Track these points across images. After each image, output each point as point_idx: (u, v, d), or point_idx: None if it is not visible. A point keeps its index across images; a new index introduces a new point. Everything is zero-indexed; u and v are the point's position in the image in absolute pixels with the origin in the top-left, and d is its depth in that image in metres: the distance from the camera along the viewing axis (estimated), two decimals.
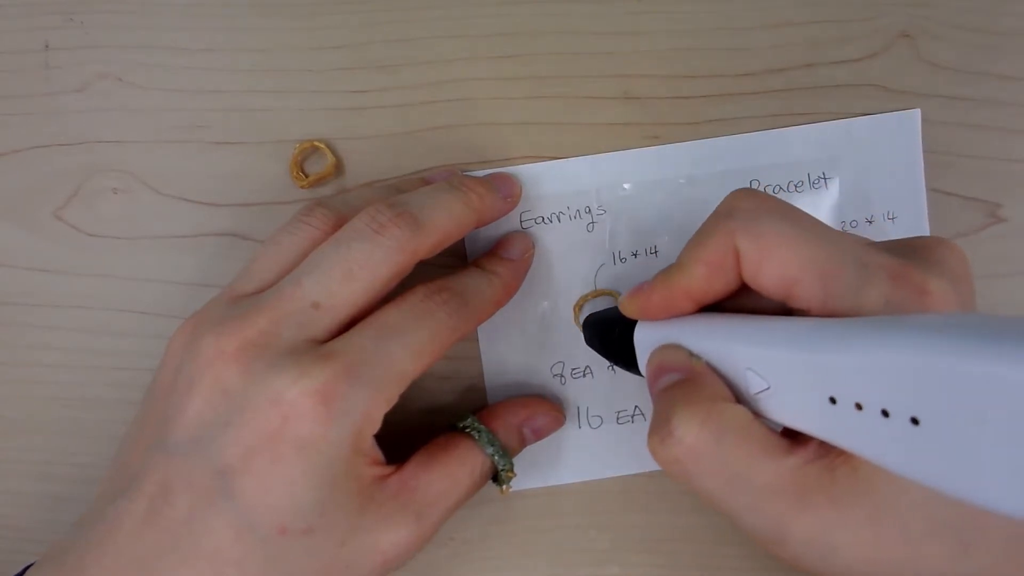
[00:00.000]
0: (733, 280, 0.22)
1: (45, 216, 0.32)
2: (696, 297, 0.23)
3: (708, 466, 0.21)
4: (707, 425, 0.20)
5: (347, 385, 0.23)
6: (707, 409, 0.21)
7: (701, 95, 0.31)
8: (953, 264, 0.21)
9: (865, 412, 0.17)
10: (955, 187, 0.31)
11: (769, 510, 0.20)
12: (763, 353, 0.20)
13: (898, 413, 0.16)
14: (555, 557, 0.31)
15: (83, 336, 0.32)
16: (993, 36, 0.30)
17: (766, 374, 0.20)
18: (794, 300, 0.21)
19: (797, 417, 0.20)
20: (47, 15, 0.32)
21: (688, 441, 0.21)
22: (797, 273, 0.21)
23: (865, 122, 0.31)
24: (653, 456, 0.22)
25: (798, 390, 0.19)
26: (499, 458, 0.27)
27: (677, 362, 0.23)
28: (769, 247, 0.21)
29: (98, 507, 0.25)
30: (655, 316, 0.24)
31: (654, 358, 0.24)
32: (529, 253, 0.30)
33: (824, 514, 0.19)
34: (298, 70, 0.31)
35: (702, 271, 0.22)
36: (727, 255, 0.22)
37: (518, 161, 0.31)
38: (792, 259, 0.21)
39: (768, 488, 0.20)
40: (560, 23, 0.31)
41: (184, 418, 0.23)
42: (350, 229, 0.25)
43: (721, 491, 0.21)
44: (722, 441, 0.20)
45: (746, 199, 0.23)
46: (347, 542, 0.23)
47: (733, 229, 0.22)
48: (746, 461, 0.20)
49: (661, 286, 0.24)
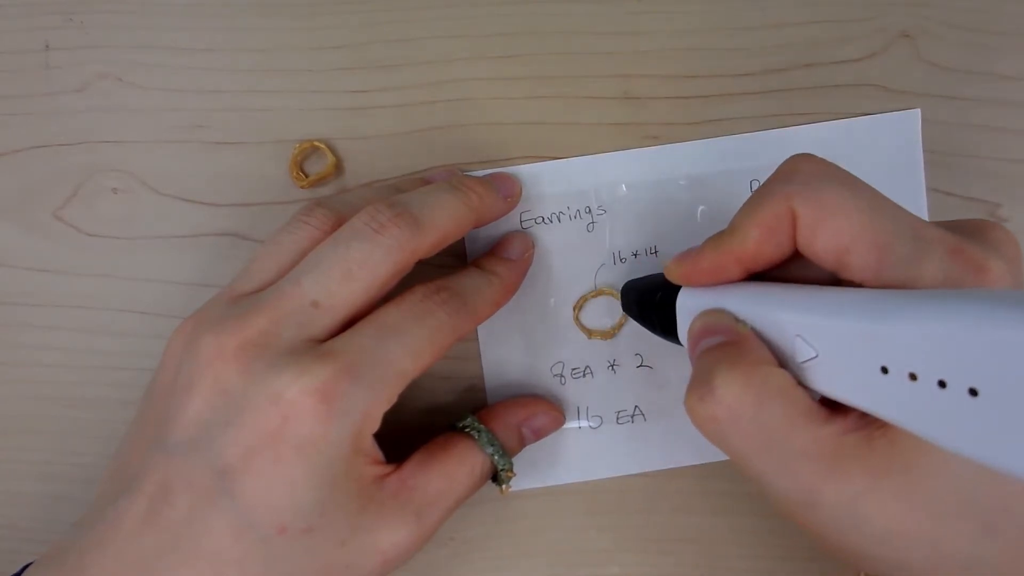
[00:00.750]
0: (786, 246, 0.22)
1: (45, 216, 0.32)
2: (746, 263, 0.22)
3: (746, 427, 0.20)
4: (749, 386, 0.20)
5: (347, 384, 0.23)
6: (750, 371, 0.21)
7: (701, 95, 0.31)
8: (1008, 246, 0.20)
9: (920, 383, 0.17)
10: (955, 187, 0.31)
11: (803, 474, 0.20)
12: (814, 320, 0.20)
13: (956, 384, 0.16)
14: (555, 557, 0.31)
15: (83, 336, 0.32)
16: (993, 36, 0.30)
17: (815, 342, 0.20)
18: (847, 270, 0.21)
19: (844, 386, 0.20)
20: (47, 15, 0.32)
21: (728, 401, 0.20)
22: (853, 242, 0.20)
23: (865, 122, 0.31)
24: (690, 414, 0.22)
25: (848, 359, 0.19)
26: (499, 458, 0.27)
27: (722, 325, 0.22)
28: (827, 213, 0.20)
29: (98, 507, 0.25)
30: (702, 282, 0.24)
31: (697, 321, 0.23)
32: (529, 253, 0.30)
33: (857, 483, 0.19)
34: (298, 70, 0.31)
35: (756, 234, 0.22)
36: (783, 219, 0.21)
37: (518, 161, 0.31)
38: (849, 227, 0.20)
39: (804, 453, 0.20)
40: (560, 23, 0.31)
41: (184, 418, 0.23)
42: (350, 229, 0.25)
43: (755, 453, 0.21)
44: (762, 403, 0.20)
45: (807, 162, 0.22)
46: (347, 542, 0.23)
47: (792, 192, 0.21)
48: (785, 425, 0.20)
49: (711, 251, 0.23)
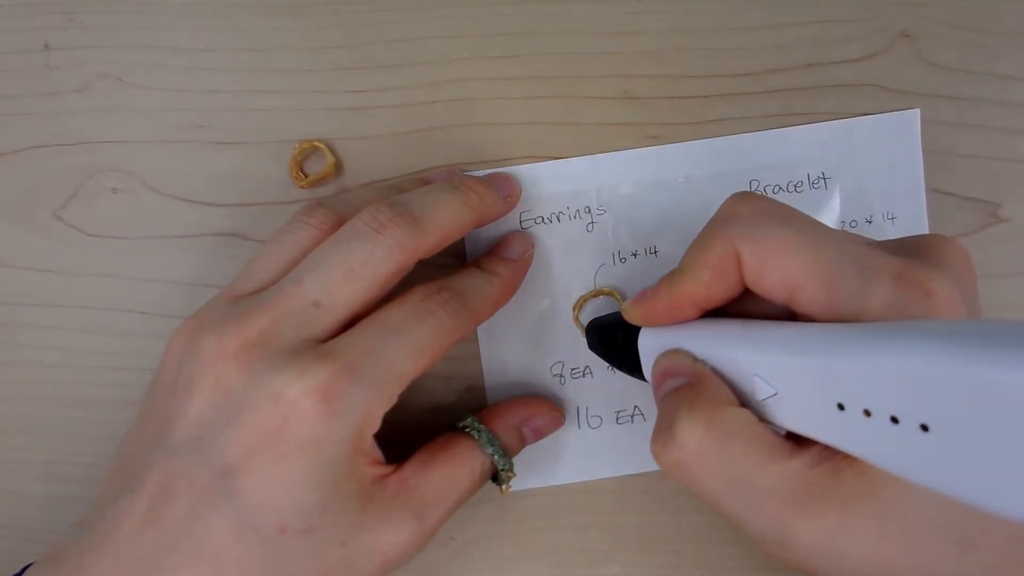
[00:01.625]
0: (736, 285, 0.22)
1: (45, 216, 0.32)
2: (699, 303, 0.23)
3: (711, 470, 0.21)
4: (711, 429, 0.20)
5: (347, 384, 0.23)
6: (711, 413, 0.21)
7: (701, 95, 0.31)
8: (956, 262, 0.21)
9: (874, 419, 0.17)
10: (955, 187, 0.31)
11: (773, 513, 0.20)
12: (770, 359, 0.20)
13: (907, 420, 0.16)
14: (555, 557, 0.31)
15: (83, 336, 0.32)
16: (993, 36, 0.31)
17: (773, 380, 0.20)
18: (798, 305, 0.21)
19: (805, 423, 0.20)
20: (47, 15, 0.32)
21: (691, 445, 0.20)
22: (800, 279, 0.20)
23: (865, 122, 0.31)
24: (656, 460, 0.22)
25: (806, 396, 0.19)
26: (499, 458, 0.27)
27: (682, 366, 0.23)
28: (771, 253, 0.21)
29: (98, 507, 0.24)
30: (659, 322, 0.24)
31: (659, 363, 0.24)
32: (529, 253, 0.30)
33: (829, 517, 0.19)
34: (298, 70, 0.31)
35: (705, 277, 0.22)
36: (729, 261, 0.22)
37: (518, 161, 0.31)
38: (794, 264, 0.20)
39: (772, 491, 0.20)
40: (560, 23, 0.31)
41: (185, 418, 0.23)
42: (350, 228, 0.25)
43: (725, 495, 0.21)
44: (725, 445, 0.20)
45: (745, 203, 0.23)
46: (347, 542, 0.23)
47: (733, 235, 0.21)
48: (750, 464, 0.20)
49: (664, 292, 0.23)
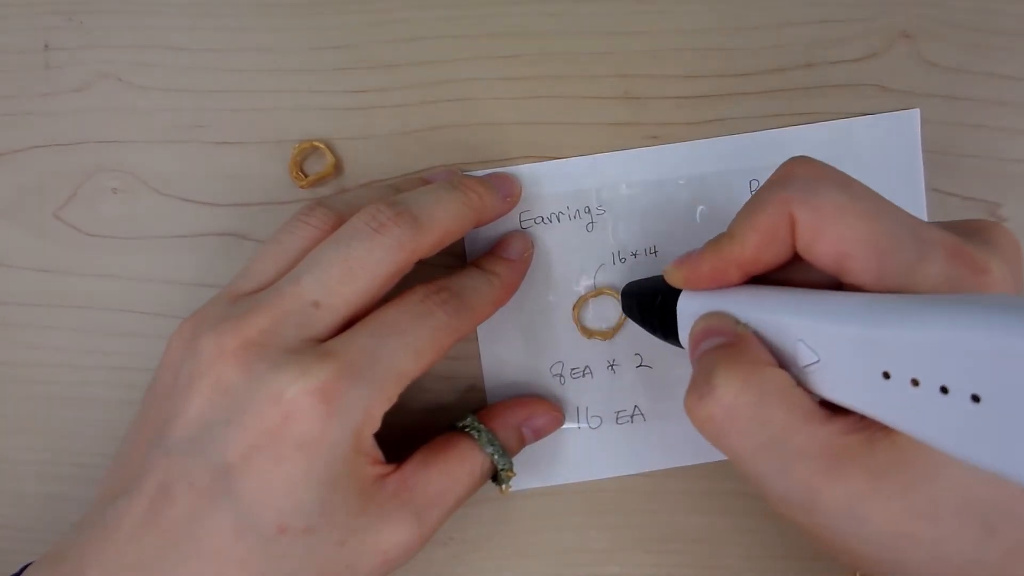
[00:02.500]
0: (785, 251, 0.22)
1: (45, 216, 0.32)
2: (746, 267, 0.22)
3: (745, 426, 0.20)
4: (748, 386, 0.20)
5: (347, 384, 0.23)
6: (749, 370, 0.20)
7: (701, 95, 0.31)
8: (1008, 246, 0.20)
9: (922, 388, 0.17)
10: (955, 187, 0.31)
11: (802, 475, 0.20)
12: (815, 325, 0.20)
13: (958, 390, 0.16)
14: (555, 557, 0.31)
15: (83, 336, 0.32)
16: (993, 36, 0.31)
17: (817, 346, 0.20)
18: (848, 274, 0.20)
19: (847, 391, 0.19)
20: (47, 15, 0.32)
21: (727, 400, 0.20)
22: (852, 246, 0.20)
23: (865, 122, 0.31)
24: (688, 413, 0.21)
25: (850, 364, 0.19)
26: (499, 458, 0.27)
27: (723, 327, 0.22)
28: (826, 218, 0.20)
29: (98, 507, 0.24)
30: (702, 286, 0.24)
31: (699, 323, 0.23)
32: (529, 253, 0.30)
33: (857, 484, 0.19)
34: (298, 70, 0.31)
35: (755, 240, 0.22)
36: (782, 224, 0.21)
37: (518, 161, 0.31)
38: (848, 231, 0.20)
39: (803, 453, 0.20)
40: (560, 23, 0.31)
41: (185, 417, 0.23)
42: (350, 228, 0.25)
43: (754, 453, 0.21)
44: (762, 402, 0.20)
45: (804, 166, 0.22)
46: (347, 541, 0.23)
47: (789, 197, 0.21)
48: (784, 424, 0.20)
49: (711, 255, 0.23)
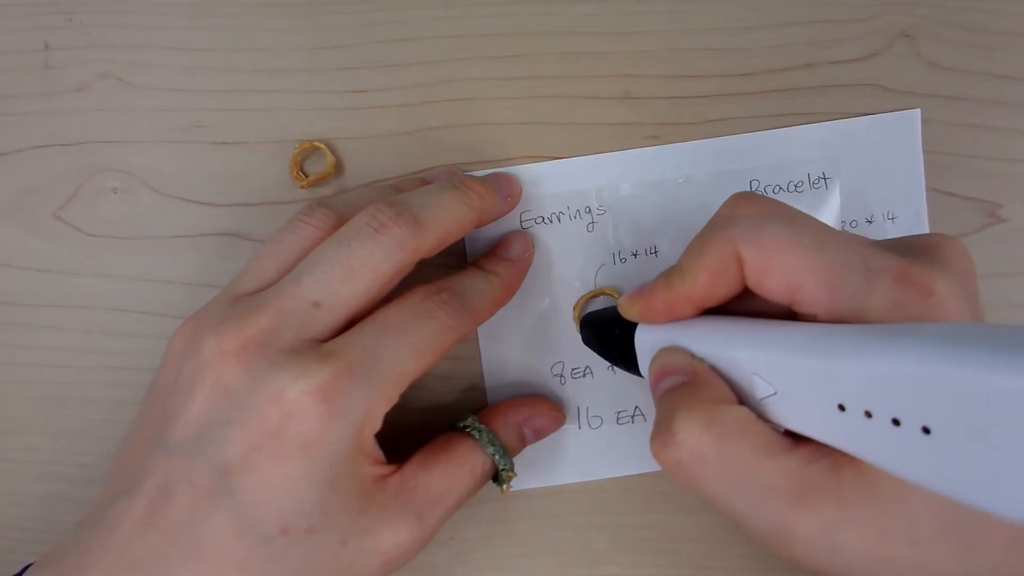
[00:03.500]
0: (735, 285, 0.22)
1: (45, 216, 0.32)
2: (697, 302, 0.23)
3: (711, 468, 0.21)
4: (709, 427, 0.20)
5: (348, 384, 0.23)
6: (710, 411, 0.21)
7: (701, 95, 0.31)
8: (958, 261, 0.20)
9: (875, 420, 0.17)
10: (955, 187, 0.31)
11: (773, 510, 0.20)
12: (770, 359, 0.20)
13: (909, 422, 0.16)
14: (555, 557, 0.31)
15: (83, 336, 0.32)
16: (993, 36, 0.31)
17: (773, 380, 0.20)
18: (799, 305, 0.21)
19: (804, 423, 0.20)
20: (47, 15, 0.32)
21: (690, 444, 0.20)
22: (802, 280, 0.20)
23: (865, 122, 0.31)
24: (656, 459, 0.22)
25: (806, 396, 0.19)
26: (499, 458, 0.27)
27: (679, 364, 0.23)
28: (772, 254, 0.21)
29: (98, 507, 0.24)
30: (656, 320, 0.24)
31: (656, 361, 0.24)
32: (529, 253, 0.30)
33: (829, 514, 0.19)
34: (298, 70, 0.31)
35: (704, 278, 0.22)
36: (729, 262, 0.21)
37: (518, 161, 0.31)
38: (796, 265, 0.20)
39: (771, 487, 0.20)
40: (560, 23, 0.31)
41: (185, 417, 0.23)
42: (351, 228, 0.25)
43: (725, 493, 0.21)
44: (724, 442, 0.20)
45: (746, 205, 0.22)
46: (348, 542, 0.23)
47: (735, 237, 0.21)
48: (749, 462, 0.20)
49: (662, 290, 0.23)
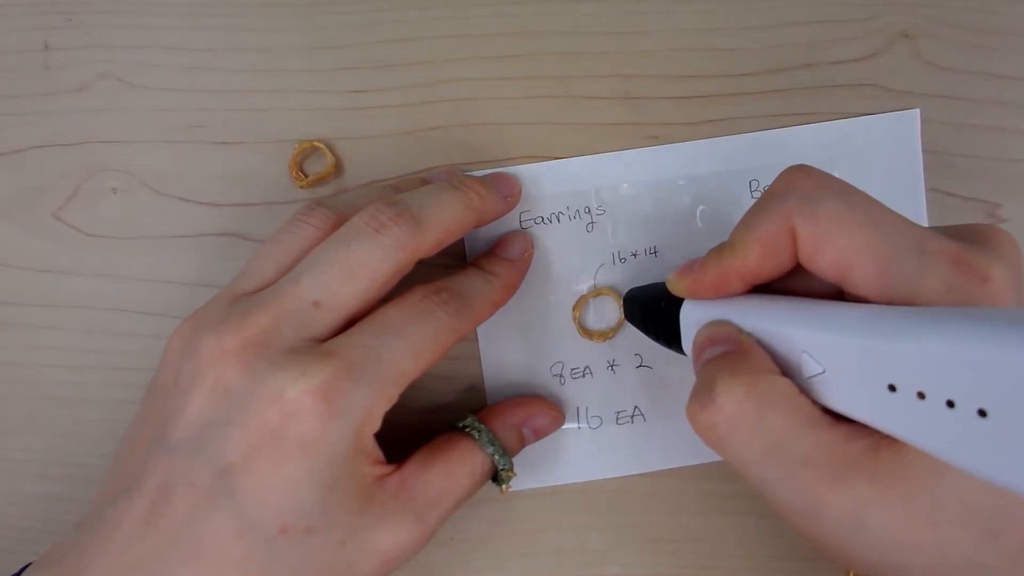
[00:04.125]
0: (787, 261, 0.22)
1: (45, 216, 0.32)
2: (748, 278, 0.22)
3: (747, 435, 0.20)
4: (751, 394, 0.20)
5: (348, 383, 0.23)
6: (752, 378, 0.20)
7: (701, 95, 0.31)
8: (1009, 251, 0.20)
9: (928, 402, 0.17)
10: (955, 187, 0.31)
11: (806, 482, 0.20)
12: (821, 337, 0.20)
13: (965, 404, 0.16)
14: (555, 557, 0.31)
15: (83, 336, 0.32)
16: (993, 36, 0.31)
17: (822, 358, 0.20)
18: (850, 284, 0.20)
19: (852, 403, 0.19)
20: (47, 15, 0.32)
21: (729, 408, 0.20)
22: (855, 258, 0.20)
23: (865, 122, 0.31)
24: (691, 422, 0.21)
25: (855, 376, 0.19)
26: (499, 458, 0.27)
27: (726, 335, 0.22)
28: (828, 230, 0.20)
29: (98, 507, 0.24)
30: (705, 296, 0.24)
31: (702, 332, 0.23)
32: (528, 253, 0.30)
33: (861, 491, 0.19)
34: (298, 70, 0.31)
35: (756, 251, 0.22)
36: (783, 235, 0.21)
37: (518, 161, 0.31)
38: (851, 242, 0.20)
39: (807, 460, 0.20)
40: (560, 23, 0.31)
41: (185, 417, 0.23)
42: (350, 228, 0.25)
43: (757, 461, 0.20)
44: (764, 410, 0.20)
45: (804, 177, 0.22)
46: (348, 541, 0.23)
47: (790, 209, 0.21)
48: (788, 431, 0.20)
49: (713, 265, 0.23)
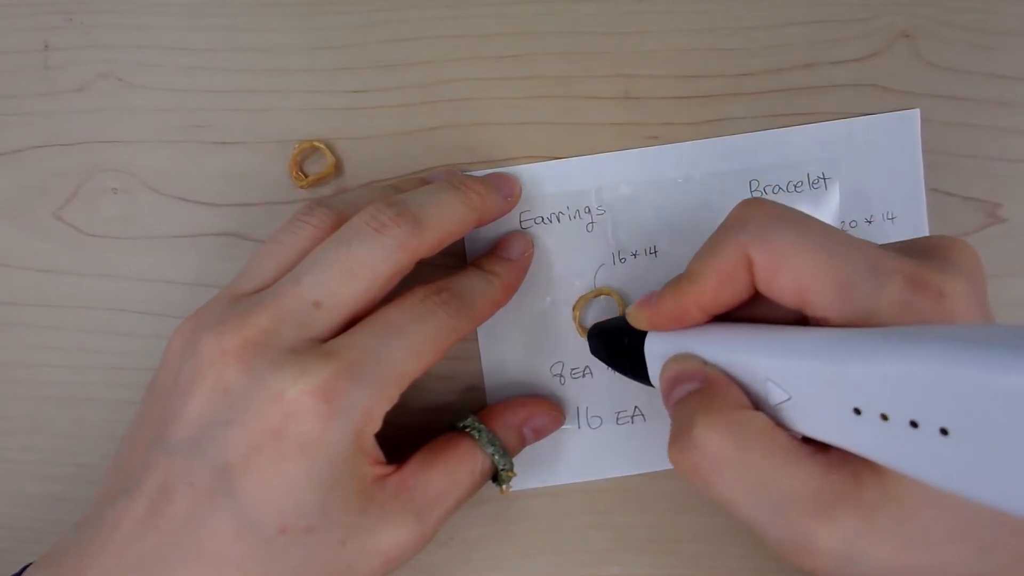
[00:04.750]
0: (745, 290, 0.22)
1: (45, 216, 0.32)
2: (707, 308, 0.23)
3: (731, 474, 0.20)
4: (729, 433, 0.20)
5: (348, 384, 0.23)
6: (728, 417, 0.20)
7: (701, 95, 0.31)
8: (967, 262, 0.20)
9: (892, 423, 0.17)
10: (955, 187, 0.31)
11: (793, 519, 0.20)
12: (784, 364, 0.20)
13: (927, 424, 0.16)
14: (555, 557, 0.31)
15: (83, 336, 0.32)
16: (993, 36, 0.31)
17: (787, 385, 0.20)
18: (810, 308, 0.21)
19: (820, 428, 0.20)
20: (47, 15, 0.32)
21: (710, 449, 0.20)
22: (812, 282, 0.20)
23: (865, 122, 0.31)
24: (675, 466, 0.21)
25: (821, 401, 0.19)
26: (499, 458, 0.27)
27: (692, 371, 0.22)
28: (783, 258, 0.21)
29: (98, 507, 0.24)
30: (665, 327, 0.24)
31: (668, 368, 0.23)
32: (529, 253, 0.30)
33: (850, 523, 0.19)
34: (298, 70, 0.31)
35: (713, 282, 0.22)
36: (739, 266, 0.21)
37: (518, 161, 0.31)
38: (806, 268, 0.20)
39: (792, 496, 0.20)
40: (560, 23, 0.31)
41: (185, 417, 0.23)
42: (350, 228, 0.25)
43: (744, 500, 0.20)
44: (744, 449, 0.20)
45: (757, 208, 0.22)
46: (348, 541, 0.23)
47: (745, 241, 0.21)
48: (769, 468, 0.20)
49: (671, 297, 0.23)
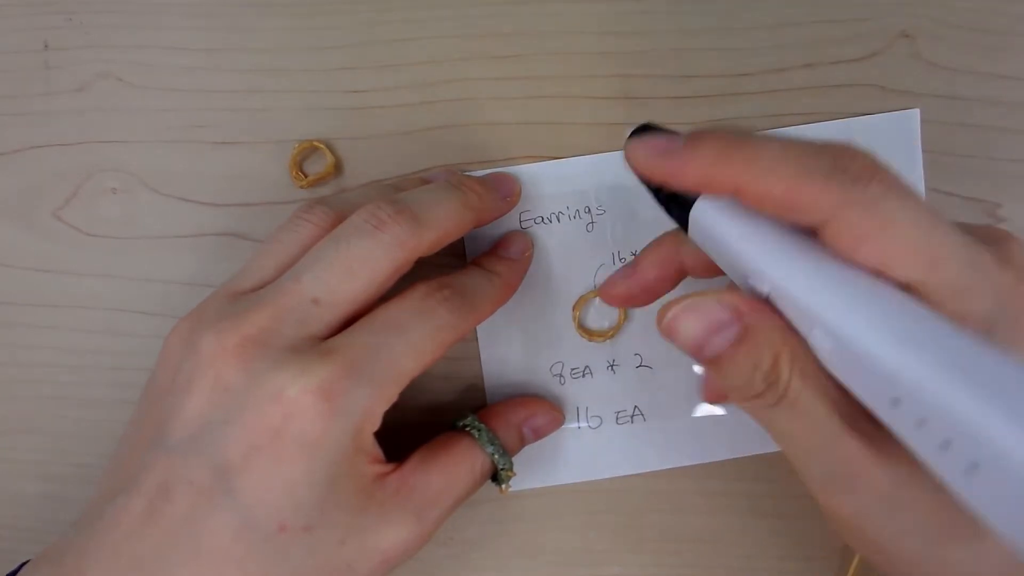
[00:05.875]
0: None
1: (45, 216, 0.32)
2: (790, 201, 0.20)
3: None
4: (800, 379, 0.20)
5: (348, 382, 0.23)
6: (805, 368, 0.20)
7: (701, 95, 0.31)
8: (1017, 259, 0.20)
9: (925, 430, 0.17)
10: (955, 187, 0.31)
11: (847, 450, 0.19)
12: (849, 332, 0.19)
13: (959, 451, 0.16)
14: (555, 557, 0.31)
15: (83, 336, 0.32)
16: (993, 36, 0.31)
17: (834, 341, 0.19)
18: (889, 272, 0.19)
19: (851, 385, 0.19)
20: (47, 15, 0.32)
21: (801, 406, 0.20)
22: (904, 254, 0.19)
23: (865, 122, 0.31)
24: (762, 423, 0.21)
25: (862, 372, 0.19)
26: (499, 457, 0.27)
27: (724, 316, 0.20)
28: (886, 224, 0.19)
29: (96, 506, 0.24)
30: (728, 189, 0.20)
31: (691, 322, 0.21)
32: (528, 252, 0.30)
33: (901, 469, 0.19)
34: (298, 70, 0.31)
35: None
36: None
37: (518, 161, 0.31)
38: (903, 239, 0.19)
39: (849, 430, 0.19)
40: (560, 23, 0.31)
41: (184, 416, 0.23)
42: (350, 226, 0.25)
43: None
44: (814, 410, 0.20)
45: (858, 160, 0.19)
46: (347, 541, 0.23)
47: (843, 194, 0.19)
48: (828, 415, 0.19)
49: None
